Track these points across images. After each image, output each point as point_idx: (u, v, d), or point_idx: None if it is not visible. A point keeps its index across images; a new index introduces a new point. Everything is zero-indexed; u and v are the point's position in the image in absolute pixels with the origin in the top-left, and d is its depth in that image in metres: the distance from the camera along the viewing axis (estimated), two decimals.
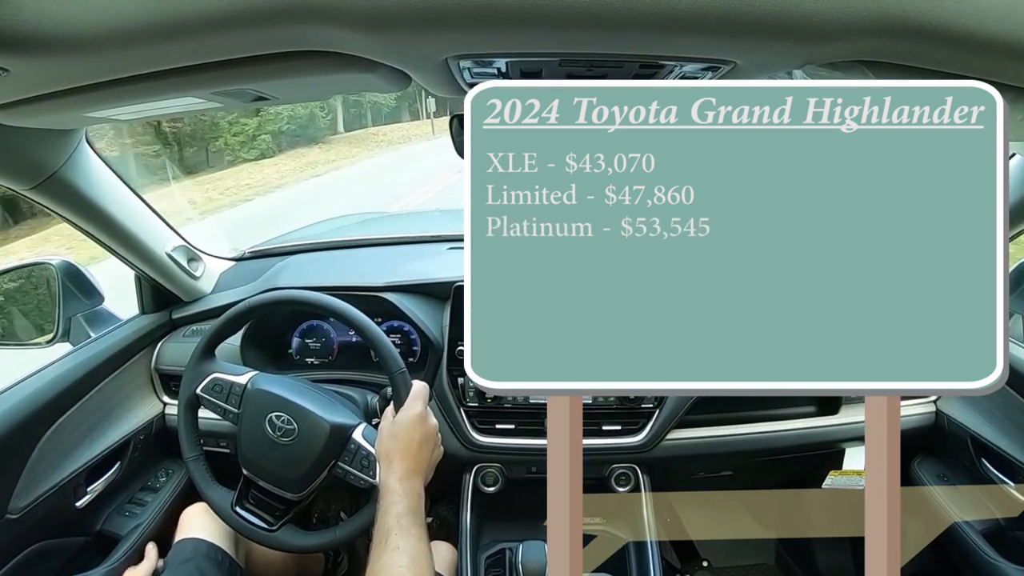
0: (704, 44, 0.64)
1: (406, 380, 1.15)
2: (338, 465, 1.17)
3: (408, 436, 1.06)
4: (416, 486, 1.02)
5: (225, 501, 1.22)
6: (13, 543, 1.22)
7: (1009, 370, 0.58)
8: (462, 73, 0.75)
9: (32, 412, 1.26)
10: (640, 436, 1.47)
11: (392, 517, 0.95)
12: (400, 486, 1.00)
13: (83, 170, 1.21)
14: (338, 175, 16.28)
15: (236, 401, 1.22)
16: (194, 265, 1.66)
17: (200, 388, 1.24)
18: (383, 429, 1.10)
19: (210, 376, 1.24)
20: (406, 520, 0.95)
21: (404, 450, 1.05)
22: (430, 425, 1.10)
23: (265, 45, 0.66)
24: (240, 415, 1.21)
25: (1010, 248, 0.58)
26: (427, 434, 1.09)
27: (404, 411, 1.09)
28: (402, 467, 1.03)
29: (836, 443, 1.55)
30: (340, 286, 1.55)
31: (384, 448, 1.07)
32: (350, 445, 1.18)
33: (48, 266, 1.49)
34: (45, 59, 0.65)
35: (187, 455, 1.25)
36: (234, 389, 1.23)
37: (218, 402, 1.23)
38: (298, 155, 20.68)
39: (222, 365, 1.27)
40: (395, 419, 1.09)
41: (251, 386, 1.23)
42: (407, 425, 1.07)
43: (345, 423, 1.19)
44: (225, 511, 1.21)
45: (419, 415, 1.09)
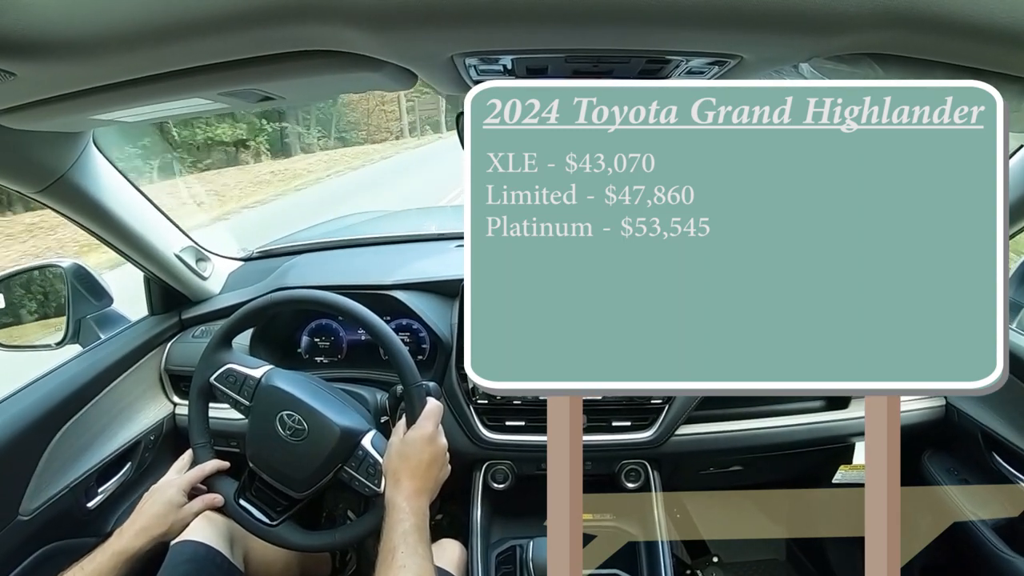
0: (711, 38, 0.63)
1: (421, 395, 1.14)
2: (344, 469, 1.17)
3: (417, 456, 1.07)
4: (423, 505, 1.03)
5: (228, 491, 1.22)
6: (25, 545, 1.23)
7: (1011, 368, 0.58)
8: (468, 71, 0.75)
9: (43, 414, 1.27)
10: (650, 432, 1.46)
11: (399, 535, 0.96)
12: (407, 504, 1.00)
13: (91, 173, 1.22)
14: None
15: (249, 394, 1.22)
16: (202, 265, 1.66)
17: (214, 377, 1.23)
18: (392, 446, 1.10)
19: (225, 366, 1.24)
20: (412, 538, 0.95)
21: (413, 470, 1.05)
22: (439, 445, 1.10)
23: (271, 45, 0.66)
24: (251, 408, 1.21)
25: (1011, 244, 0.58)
26: (436, 455, 1.09)
27: (415, 430, 1.09)
28: (410, 486, 1.03)
29: (846, 437, 1.55)
30: (349, 285, 1.55)
31: (392, 466, 1.07)
32: (358, 451, 1.18)
33: (58, 268, 1.49)
34: (51, 62, 0.65)
35: (195, 441, 1.25)
36: (248, 382, 1.23)
37: (231, 393, 1.22)
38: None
39: (238, 356, 1.27)
40: (405, 437, 1.09)
41: (265, 381, 1.22)
42: (417, 445, 1.08)
43: (355, 428, 1.19)
44: (228, 502, 1.21)
45: (430, 435, 1.09)
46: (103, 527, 1.44)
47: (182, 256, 1.56)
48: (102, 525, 1.44)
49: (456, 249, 1.83)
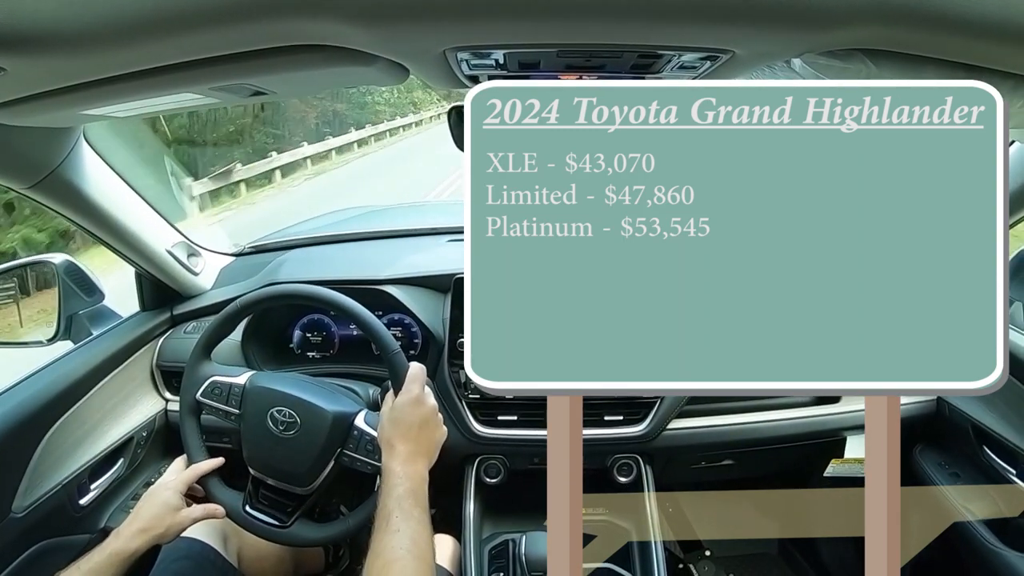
0: (702, 33, 0.64)
1: (402, 361, 1.14)
2: (344, 453, 1.18)
3: (408, 420, 1.06)
4: (419, 469, 1.02)
5: (236, 503, 1.22)
6: (17, 542, 1.22)
7: (1010, 364, 0.58)
8: (460, 65, 0.75)
9: (35, 411, 1.26)
10: (642, 426, 1.47)
11: (393, 500, 0.95)
12: (402, 469, 1.00)
13: (82, 168, 1.21)
14: None
15: (236, 402, 1.22)
16: (194, 261, 1.66)
17: (200, 393, 1.24)
18: (383, 415, 1.10)
19: (208, 380, 1.24)
20: (407, 502, 0.95)
21: (404, 434, 1.05)
22: (428, 406, 1.09)
23: (262, 40, 0.66)
24: (241, 415, 1.21)
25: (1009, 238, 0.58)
26: (426, 415, 1.08)
27: (402, 395, 1.09)
28: (404, 450, 1.03)
29: (837, 431, 1.56)
30: (340, 280, 1.55)
31: (386, 434, 1.06)
32: (353, 432, 1.18)
33: (49, 264, 1.49)
34: (42, 57, 0.65)
35: (194, 460, 1.24)
36: (233, 390, 1.23)
37: (219, 405, 1.23)
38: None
39: (219, 368, 1.27)
40: (394, 404, 1.09)
41: (250, 385, 1.23)
42: (406, 408, 1.07)
43: (346, 411, 1.20)
44: (236, 513, 1.21)
45: (416, 397, 1.08)
46: (96, 524, 1.43)
47: (173, 251, 1.55)
48: (95, 522, 1.43)
49: (447, 244, 1.83)
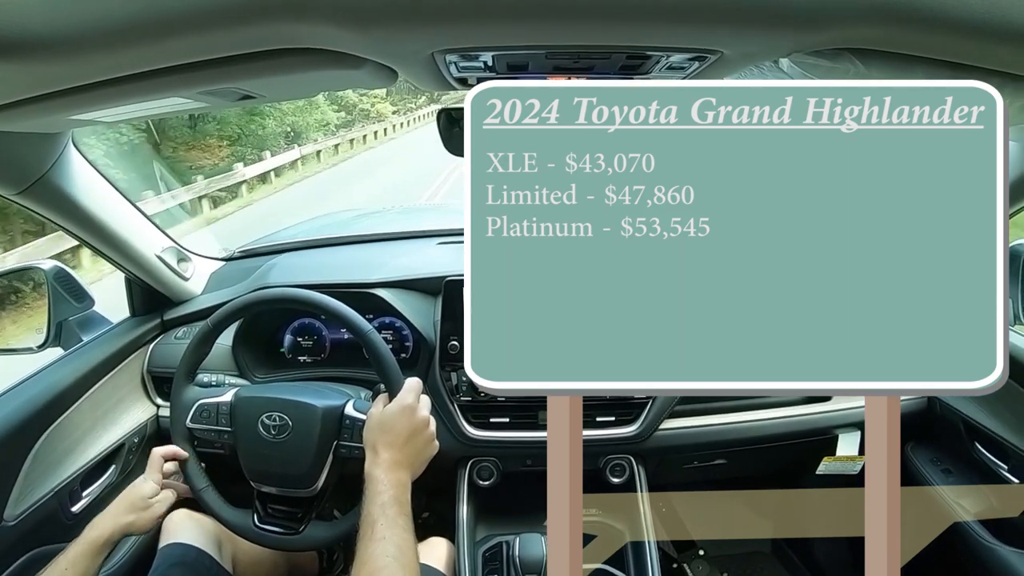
0: (690, 33, 0.64)
1: (400, 380, 1.14)
2: (340, 445, 1.18)
3: (396, 427, 1.06)
4: (402, 477, 1.01)
5: (246, 522, 1.22)
6: (9, 550, 1.21)
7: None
8: (448, 67, 0.75)
9: (25, 418, 1.25)
10: (634, 426, 1.47)
11: (377, 507, 0.95)
12: (384, 476, 0.99)
13: (70, 174, 1.20)
14: None
15: (226, 420, 1.22)
16: (184, 266, 1.65)
17: (189, 420, 1.24)
18: (371, 416, 1.09)
19: (195, 405, 1.24)
20: (392, 510, 0.95)
21: (391, 441, 1.04)
22: (419, 417, 1.09)
23: (250, 43, 0.66)
24: (234, 432, 1.21)
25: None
26: (416, 426, 1.08)
27: (395, 402, 1.09)
28: (388, 457, 1.02)
29: (829, 429, 1.57)
30: (331, 283, 1.55)
31: (371, 438, 1.06)
32: (345, 421, 1.18)
33: (38, 270, 1.48)
34: (29, 62, 0.65)
35: (197, 488, 1.24)
36: (221, 409, 1.23)
37: (210, 427, 1.23)
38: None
39: (203, 391, 1.27)
40: (384, 408, 1.09)
41: (236, 400, 1.23)
42: (396, 416, 1.07)
43: (334, 403, 1.20)
44: (249, 531, 1.21)
45: (408, 406, 1.08)
46: None
47: (163, 257, 1.55)
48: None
49: (437, 246, 1.83)
